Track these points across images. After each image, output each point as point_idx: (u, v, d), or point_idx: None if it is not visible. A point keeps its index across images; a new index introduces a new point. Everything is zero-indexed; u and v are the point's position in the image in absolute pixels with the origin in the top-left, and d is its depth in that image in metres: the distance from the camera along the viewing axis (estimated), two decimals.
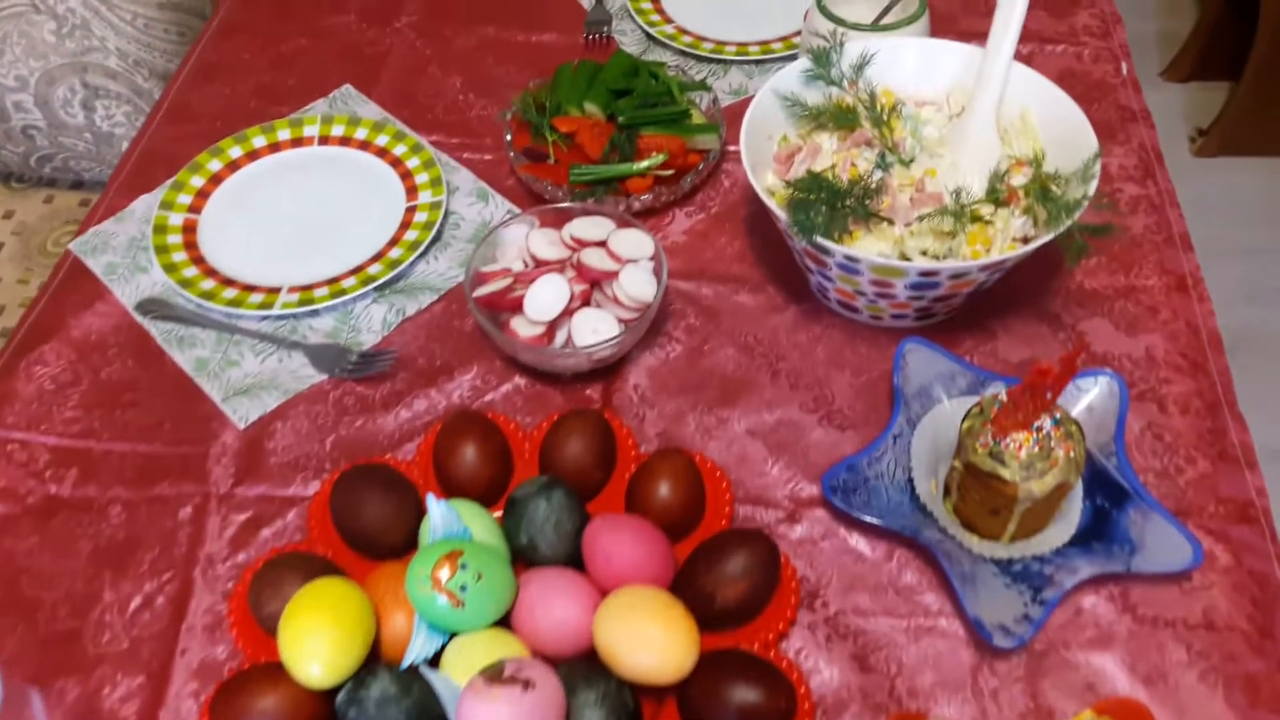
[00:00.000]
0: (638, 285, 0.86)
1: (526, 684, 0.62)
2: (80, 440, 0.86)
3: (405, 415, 0.87)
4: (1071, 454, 0.71)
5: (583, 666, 0.67)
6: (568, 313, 0.86)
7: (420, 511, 0.76)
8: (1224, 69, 2.42)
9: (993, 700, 0.70)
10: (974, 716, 0.70)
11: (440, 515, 0.70)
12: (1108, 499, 0.77)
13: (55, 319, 0.94)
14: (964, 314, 0.91)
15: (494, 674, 0.62)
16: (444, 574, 0.66)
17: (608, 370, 0.89)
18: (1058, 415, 0.72)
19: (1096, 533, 0.76)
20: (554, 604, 0.69)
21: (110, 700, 0.72)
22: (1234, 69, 2.31)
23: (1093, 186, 0.81)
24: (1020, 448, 0.71)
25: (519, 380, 0.89)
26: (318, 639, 0.65)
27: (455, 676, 0.67)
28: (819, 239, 0.80)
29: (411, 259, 0.95)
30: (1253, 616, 0.73)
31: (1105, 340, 0.89)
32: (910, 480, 0.80)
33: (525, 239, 0.90)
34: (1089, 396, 0.81)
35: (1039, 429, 0.71)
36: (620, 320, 0.86)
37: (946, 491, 0.79)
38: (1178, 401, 0.85)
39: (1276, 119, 2.29)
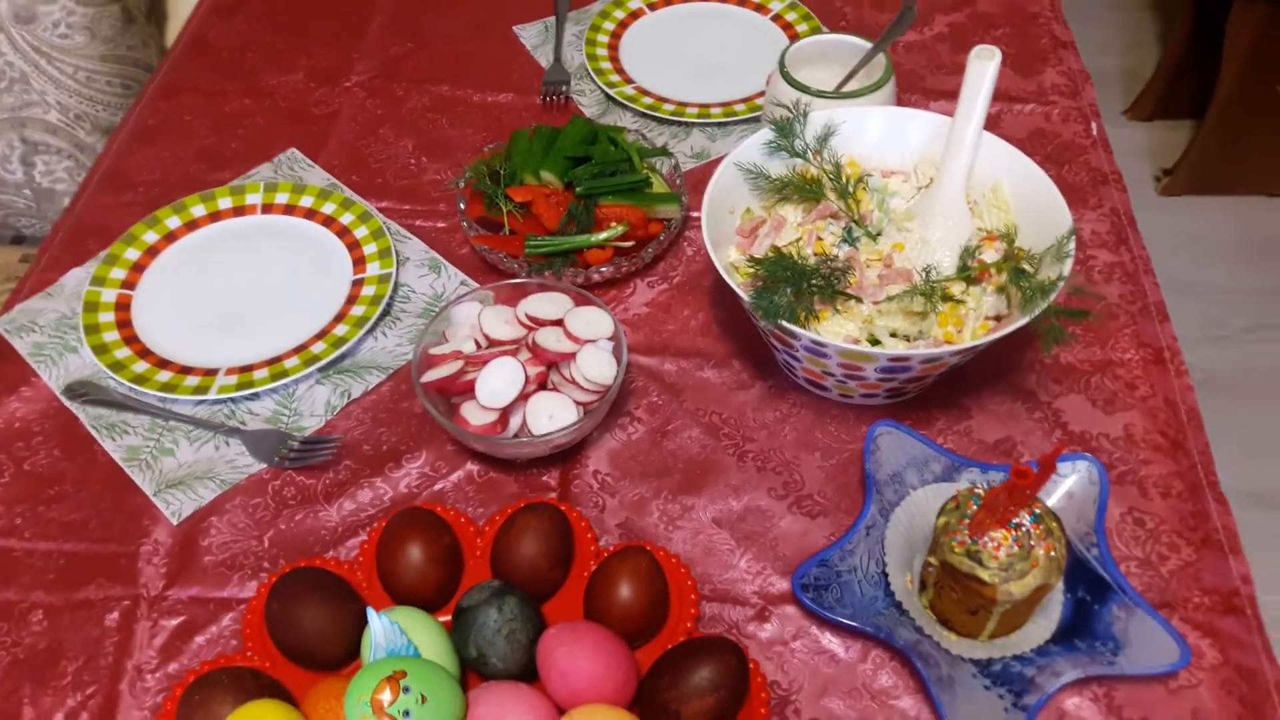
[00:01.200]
0: (596, 367, 0.82)
1: None
2: (0, 539, 0.80)
3: (349, 507, 0.82)
4: (1052, 553, 0.68)
5: None
6: (523, 397, 0.82)
7: (363, 619, 0.71)
8: (1188, 108, 2.43)
9: None
10: None
11: (382, 631, 0.66)
12: (1089, 593, 0.74)
13: None
14: (936, 390, 0.88)
15: None
16: (385, 698, 0.61)
17: (566, 455, 0.85)
18: (1037, 511, 0.69)
19: (1078, 629, 0.73)
20: None
21: None
22: (1197, 108, 2.32)
23: (1068, 266, 0.78)
24: (999, 547, 0.67)
25: (471, 467, 0.85)
26: None
27: None
28: (784, 323, 0.76)
29: (358, 336, 0.91)
30: (1242, 717, 0.70)
31: (1083, 419, 0.86)
32: (884, 573, 0.76)
33: (478, 317, 0.86)
34: (1068, 483, 0.78)
35: (1018, 526, 0.68)
36: (578, 404, 0.82)
37: (923, 586, 0.75)
38: (1158, 484, 0.82)
39: (1241, 159, 2.29)
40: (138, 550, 0.80)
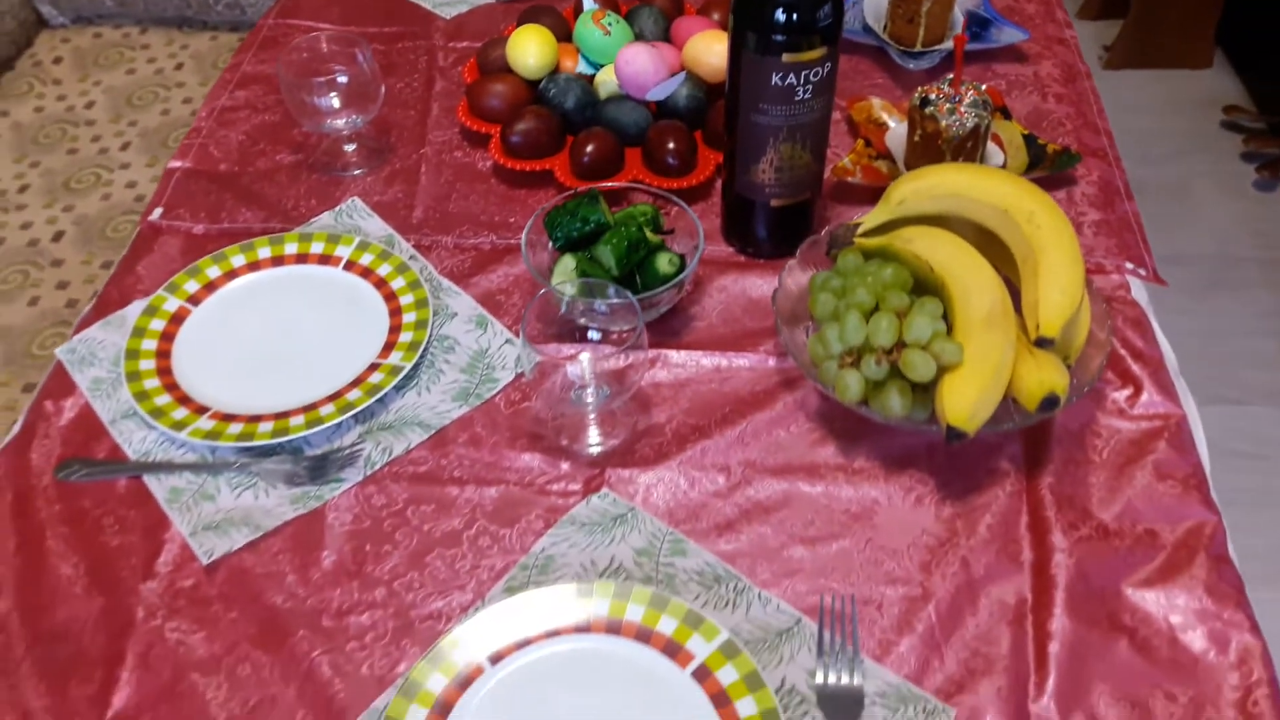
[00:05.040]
0: None
1: (654, 44, 1.13)
2: (345, 26, 1.37)
3: None
4: None
5: None
6: None
7: (569, 28, 1.27)
8: (1121, 8, 3.03)
9: None
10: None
11: (588, 2, 1.22)
12: (979, 27, 1.30)
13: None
14: None
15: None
16: (598, 16, 1.18)
17: None
18: None
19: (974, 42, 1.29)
20: (660, 47, 1.20)
21: (390, 119, 1.23)
22: (1126, 8, 2.93)
23: None
24: None
25: None
26: (533, 44, 1.16)
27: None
28: None
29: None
30: (1063, 75, 1.26)
31: None
32: (866, 25, 1.32)
33: None
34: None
35: None
36: None
37: (884, 27, 1.31)
38: (1026, 17, 1.38)
39: (1155, 43, 2.90)
40: (428, 28, 1.36)
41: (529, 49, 1.16)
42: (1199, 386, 1.00)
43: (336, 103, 1.12)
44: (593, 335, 0.92)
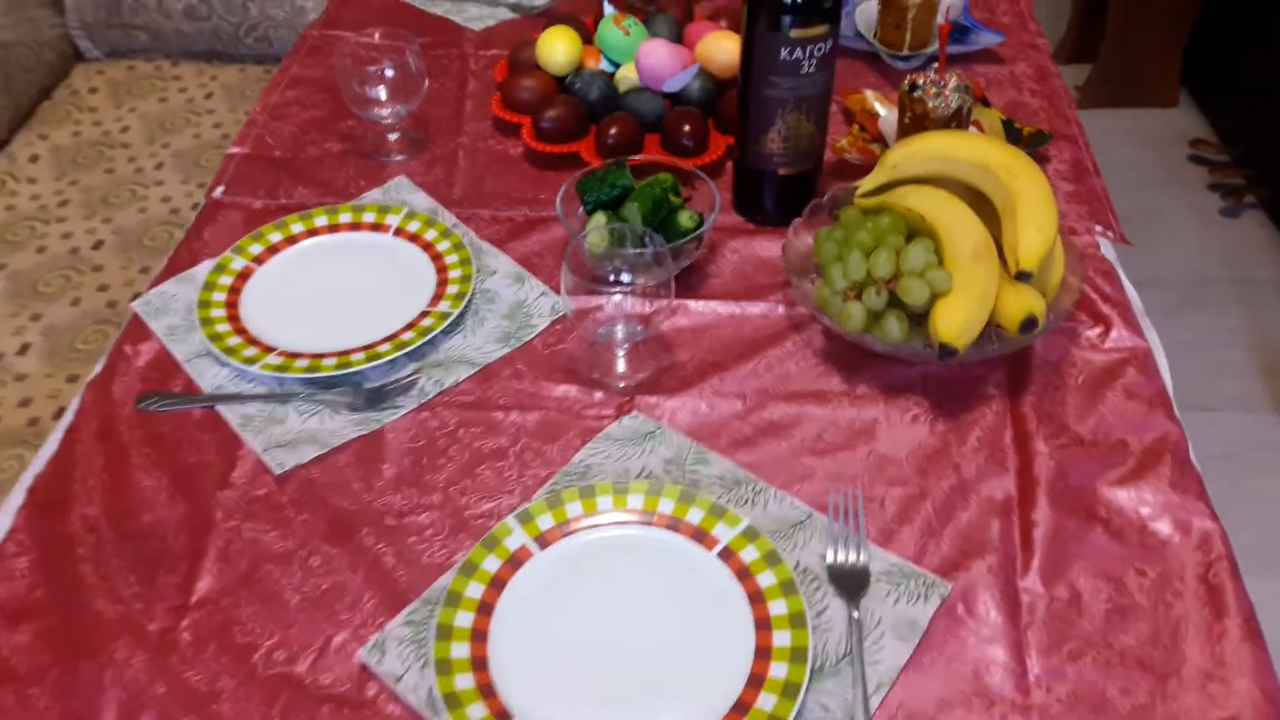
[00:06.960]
0: None
1: (673, 44, 1.26)
2: None
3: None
4: None
5: None
6: None
7: (591, 32, 1.40)
8: (1090, 53, 3.21)
9: None
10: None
11: (609, 7, 1.35)
12: (960, 33, 1.44)
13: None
14: None
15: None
16: (618, 19, 1.31)
17: None
18: None
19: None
20: (677, 47, 1.33)
21: (428, 114, 1.35)
22: (1096, 53, 3.11)
23: None
24: None
25: None
26: (561, 43, 1.29)
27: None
28: None
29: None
30: (1036, 74, 1.39)
31: None
32: (858, 31, 1.46)
33: None
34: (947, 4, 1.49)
35: None
36: None
37: (874, 34, 1.45)
38: (1002, 27, 1.52)
39: (1123, 84, 3.07)
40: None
41: (558, 46, 1.29)
42: (1174, 395, 1.02)
43: (384, 94, 1.24)
44: (624, 278, 1.02)
